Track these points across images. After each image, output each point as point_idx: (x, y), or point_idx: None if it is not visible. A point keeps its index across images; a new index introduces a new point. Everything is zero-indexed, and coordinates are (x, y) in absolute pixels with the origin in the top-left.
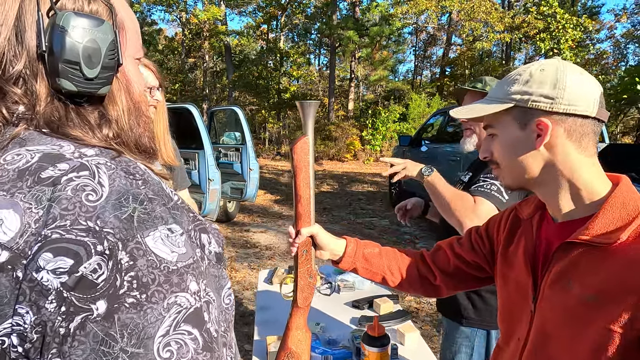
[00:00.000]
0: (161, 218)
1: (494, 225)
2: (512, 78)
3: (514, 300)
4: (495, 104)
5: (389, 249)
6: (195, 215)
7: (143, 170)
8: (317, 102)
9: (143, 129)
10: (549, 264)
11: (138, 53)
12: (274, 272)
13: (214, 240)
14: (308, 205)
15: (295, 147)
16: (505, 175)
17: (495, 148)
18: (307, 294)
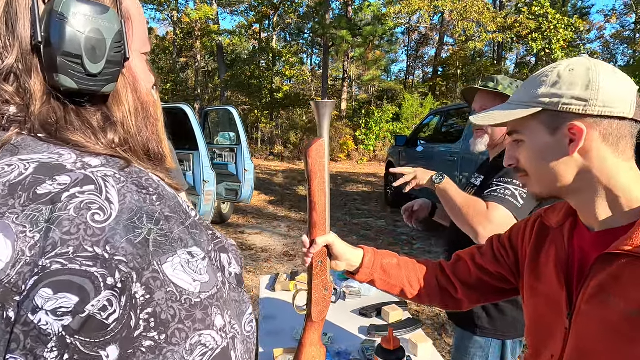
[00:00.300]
0: (180, 240)
1: (518, 233)
2: (538, 80)
3: (544, 314)
4: (521, 109)
5: (407, 259)
6: (214, 232)
7: (157, 182)
8: (334, 102)
9: (151, 132)
10: (586, 277)
11: (145, 47)
12: (276, 278)
13: (234, 260)
14: (323, 213)
15: (310, 151)
16: (534, 184)
17: (522, 155)
18: (322, 307)
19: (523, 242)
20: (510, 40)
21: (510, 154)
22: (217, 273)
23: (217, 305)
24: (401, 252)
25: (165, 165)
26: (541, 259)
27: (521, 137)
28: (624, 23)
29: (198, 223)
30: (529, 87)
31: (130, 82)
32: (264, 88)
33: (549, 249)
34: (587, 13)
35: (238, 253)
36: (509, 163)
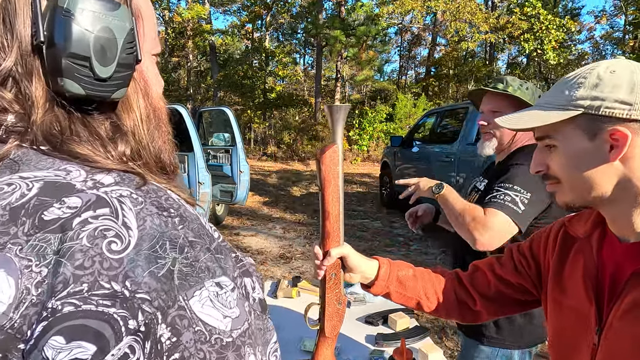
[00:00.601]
0: (207, 270)
1: (539, 243)
2: (574, 81)
3: (569, 329)
4: (558, 112)
5: (423, 270)
6: (237, 254)
7: (177, 202)
8: (348, 105)
9: (163, 142)
10: (620, 292)
11: (156, 47)
12: (277, 284)
13: (257, 284)
14: (337, 222)
15: (323, 157)
16: (567, 192)
17: (554, 161)
18: (336, 322)
19: (546, 252)
20: (502, 40)
21: (539, 160)
22: (244, 303)
23: (249, 343)
24: (398, 253)
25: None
26: (566, 270)
27: (554, 142)
28: (614, 24)
29: (222, 246)
30: (563, 89)
31: (141, 86)
32: (257, 88)
33: (575, 261)
34: (577, 14)
35: (259, 274)
36: (537, 170)
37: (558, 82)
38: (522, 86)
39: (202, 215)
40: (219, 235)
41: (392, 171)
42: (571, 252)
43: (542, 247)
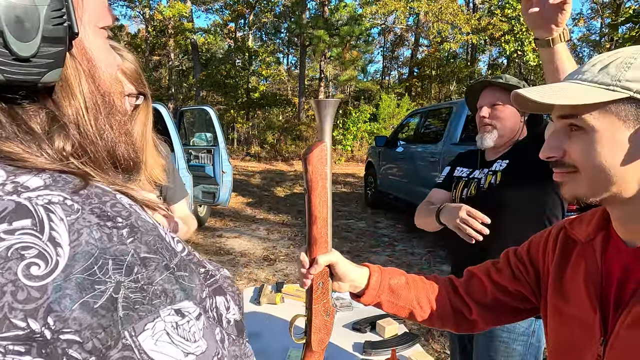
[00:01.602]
0: (164, 294)
1: (538, 247)
2: (621, 60)
3: (572, 338)
4: (601, 90)
5: (416, 277)
6: (208, 268)
7: (128, 207)
8: (338, 100)
9: (119, 133)
10: (628, 299)
11: (104, 19)
12: (260, 290)
13: (232, 302)
14: (325, 228)
15: (310, 157)
16: (582, 184)
17: (577, 147)
18: (324, 334)
19: (545, 257)
20: (483, 42)
21: (555, 144)
22: (215, 330)
23: None
24: (383, 254)
25: (139, 176)
26: (567, 276)
27: (584, 124)
28: (591, 27)
29: (188, 261)
30: (606, 66)
31: (84, 67)
32: (240, 88)
33: (576, 266)
34: None
35: (235, 290)
36: (550, 155)
37: (597, 59)
38: (519, 83)
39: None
40: (184, 247)
41: (376, 171)
42: (572, 257)
43: (540, 252)
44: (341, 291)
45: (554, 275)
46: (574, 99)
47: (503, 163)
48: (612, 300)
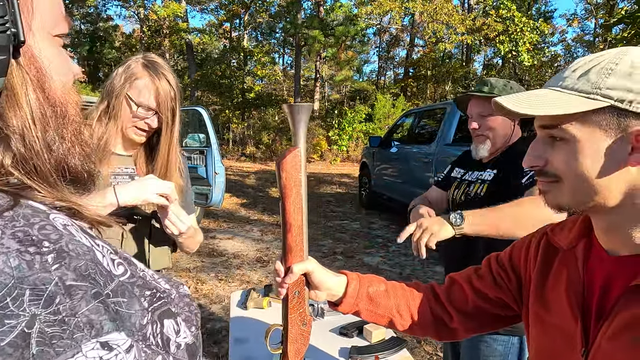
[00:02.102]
0: (89, 326)
1: (519, 254)
2: (602, 66)
3: (553, 348)
4: (581, 99)
5: (397, 284)
6: (157, 290)
7: (60, 230)
8: (310, 105)
9: (72, 143)
10: (610, 309)
11: (58, 26)
12: (248, 294)
13: (184, 325)
14: (300, 235)
15: (283, 163)
16: (565, 194)
17: (559, 156)
18: (300, 345)
19: (527, 263)
20: (478, 42)
21: (537, 153)
22: (155, 359)
23: None
24: (377, 255)
25: (93, 188)
26: (548, 284)
27: (565, 134)
28: (585, 27)
29: (128, 284)
30: (587, 72)
31: (32, 76)
32: (235, 88)
33: (558, 274)
34: (550, 17)
35: (193, 309)
36: (533, 164)
37: (578, 63)
38: (507, 86)
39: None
40: (126, 269)
41: (370, 171)
42: (554, 264)
43: (522, 258)
44: (318, 300)
45: (535, 282)
46: (552, 109)
47: (492, 173)
48: (593, 311)
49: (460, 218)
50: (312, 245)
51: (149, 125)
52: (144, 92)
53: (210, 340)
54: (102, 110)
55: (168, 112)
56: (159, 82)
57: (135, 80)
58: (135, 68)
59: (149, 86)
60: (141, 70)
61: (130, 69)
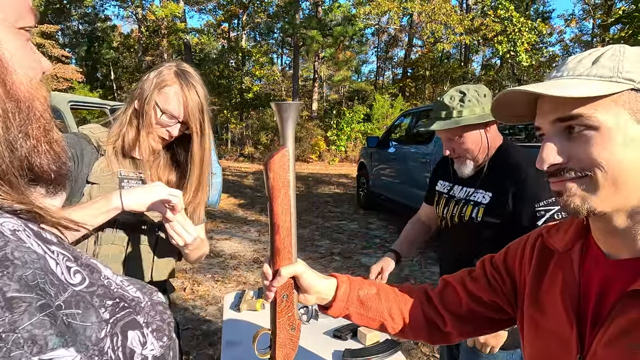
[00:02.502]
0: (30, 342)
1: (515, 256)
2: (611, 53)
3: (548, 354)
4: (605, 82)
5: (388, 287)
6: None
7: (7, 234)
8: (299, 103)
9: (37, 141)
10: (607, 314)
11: (23, 18)
12: (241, 296)
13: (152, 336)
14: (289, 237)
15: (271, 163)
16: (594, 190)
17: (585, 149)
18: (289, 349)
19: (522, 266)
20: (476, 42)
21: (558, 150)
22: None
23: None
24: (374, 255)
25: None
26: (544, 288)
27: (591, 122)
28: (583, 27)
29: (86, 294)
30: (597, 60)
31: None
32: (234, 88)
33: (553, 277)
34: (548, 17)
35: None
36: (555, 162)
37: (577, 57)
38: (464, 100)
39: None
40: (85, 278)
41: (368, 172)
42: (549, 267)
43: (517, 261)
44: (308, 304)
45: (530, 285)
46: (583, 90)
47: (487, 195)
48: (590, 316)
49: None
50: (309, 246)
51: (169, 133)
52: (172, 99)
53: (205, 342)
54: (131, 113)
55: (196, 122)
56: (188, 92)
57: (165, 86)
58: (167, 75)
59: (178, 94)
60: (172, 77)
61: (162, 75)
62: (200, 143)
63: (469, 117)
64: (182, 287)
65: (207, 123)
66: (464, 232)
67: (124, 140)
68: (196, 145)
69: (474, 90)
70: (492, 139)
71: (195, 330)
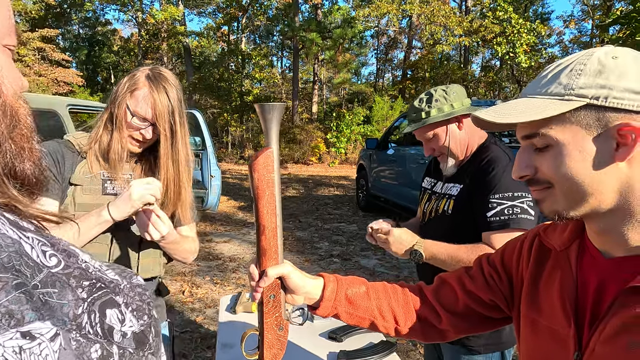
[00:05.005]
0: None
1: (512, 255)
2: (571, 68)
3: (545, 353)
4: (556, 101)
5: (379, 285)
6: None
7: None
8: (283, 104)
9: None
10: (605, 312)
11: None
12: (237, 298)
13: (131, 314)
14: (274, 238)
15: (255, 164)
16: (559, 199)
17: (546, 162)
18: (277, 350)
19: (519, 264)
20: (476, 44)
21: (526, 163)
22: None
23: None
24: (373, 257)
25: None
26: (541, 286)
27: (547, 140)
28: (582, 28)
29: (62, 275)
30: (557, 76)
31: None
32: (234, 91)
33: (551, 276)
34: (547, 18)
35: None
36: (523, 174)
37: (547, 70)
38: (431, 101)
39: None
40: (60, 261)
41: (368, 173)
42: (547, 266)
43: (514, 259)
44: (295, 304)
45: (528, 283)
46: (528, 115)
47: (458, 187)
48: (587, 313)
49: (420, 256)
50: (308, 248)
51: (143, 136)
52: (141, 102)
53: (203, 345)
54: (106, 118)
55: (166, 125)
56: (157, 95)
57: (135, 90)
58: (138, 78)
59: (146, 97)
60: (143, 80)
61: (134, 79)
62: (170, 145)
63: (437, 116)
64: (181, 290)
65: (179, 125)
66: (439, 226)
67: (99, 144)
68: (163, 148)
69: (441, 90)
70: (469, 135)
71: (193, 333)
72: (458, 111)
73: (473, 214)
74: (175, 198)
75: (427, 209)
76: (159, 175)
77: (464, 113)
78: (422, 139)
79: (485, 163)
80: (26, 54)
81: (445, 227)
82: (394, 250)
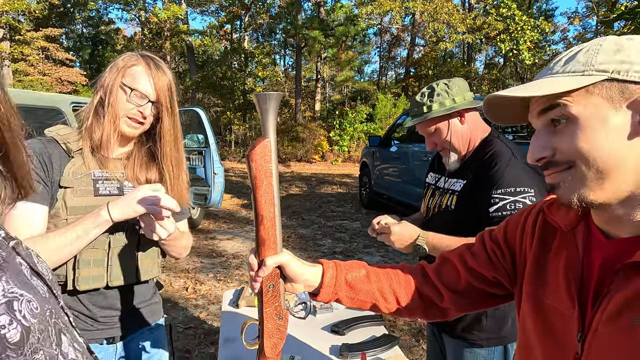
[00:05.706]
0: None
1: (515, 231)
2: (588, 48)
3: (548, 333)
4: (577, 77)
5: (379, 269)
6: None
7: None
8: (280, 94)
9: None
10: (607, 292)
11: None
12: (240, 292)
13: (25, 308)
14: (273, 227)
15: (253, 154)
16: (581, 180)
17: (567, 140)
18: (277, 339)
19: (522, 241)
20: (479, 41)
21: (543, 145)
22: None
23: None
24: (376, 254)
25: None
26: (547, 265)
27: (567, 112)
28: (586, 25)
29: None
30: (575, 57)
31: None
32: (237, 89)
33: (557, 255)
34: (551, 15)
35: (46, 292)
36: (540, 156)
37: (561, 55)
38: (433, 95)
39: None
40: None
41: (370, 171)
42: (553, 245)
43: (518, 236)
44: (296, 292)
45: (532, 261)
46: (550, 89)
47: (461, 183)
48: (591, 294)
49: (422, 250)
50: (311, 245)
51: (142, 114)
52: (139, 78)
53: (207, 340)
54: (96, 105)
55: (167, 99)
56: (155, 71)
57: (131, 67)
58: (130, 58)
59: (145, 73)
60: (138, 58)
61: (125, 60)
62: (172, 122)
63: (438, 110)
64: (185, 286)
65: (175, 103)
66: (442, 221)
67: (91, 136)
68: (167, 122)
69: (443, 84)
70: (472, 129)
71: (197, 329)
72: (460, 105)
73: (476, 209)
74: (177, 179)
75: (431, 204)
76: (161, 152)
77: (466, 107)
78: (424, 134)
79: (488, 157)
80: (30, 54)
81: (449, 223)
82: (397, 246)
